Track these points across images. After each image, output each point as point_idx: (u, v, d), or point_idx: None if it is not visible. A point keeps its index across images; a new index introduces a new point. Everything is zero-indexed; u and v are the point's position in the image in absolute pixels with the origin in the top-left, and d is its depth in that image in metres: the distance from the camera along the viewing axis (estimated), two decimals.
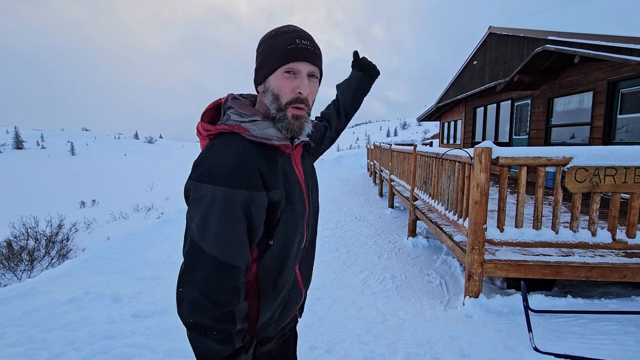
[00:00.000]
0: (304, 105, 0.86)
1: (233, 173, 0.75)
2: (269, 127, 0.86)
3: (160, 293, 3.46)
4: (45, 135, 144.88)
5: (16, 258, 11.35)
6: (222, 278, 0.74)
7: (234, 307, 0.75)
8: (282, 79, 0.84)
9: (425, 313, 3.02)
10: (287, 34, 0.85)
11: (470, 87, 10.54)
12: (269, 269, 0.87)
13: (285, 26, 0.88)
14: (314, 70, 0.87)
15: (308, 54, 0.84)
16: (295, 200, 0.89)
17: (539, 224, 2.85)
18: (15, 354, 2.39)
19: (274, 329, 0.96)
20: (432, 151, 4.40)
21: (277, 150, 0.88)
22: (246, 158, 0.79)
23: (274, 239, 0.85)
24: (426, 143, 23.01)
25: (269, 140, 0.84)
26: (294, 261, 0.93)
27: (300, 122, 0.87)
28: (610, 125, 6.07)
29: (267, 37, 0.88)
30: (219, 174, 0.75)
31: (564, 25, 6.38)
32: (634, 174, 2.63)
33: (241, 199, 0.75)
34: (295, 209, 0.89)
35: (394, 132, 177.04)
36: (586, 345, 2.27)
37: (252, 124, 0.84)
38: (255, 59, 0.90)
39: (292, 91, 0.84)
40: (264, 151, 0.84)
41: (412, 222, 5.36)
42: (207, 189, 0.74)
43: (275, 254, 0.87)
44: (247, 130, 0.83)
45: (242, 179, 0.76)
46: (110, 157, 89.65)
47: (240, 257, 0.76)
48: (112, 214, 22.65)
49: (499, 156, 2.76)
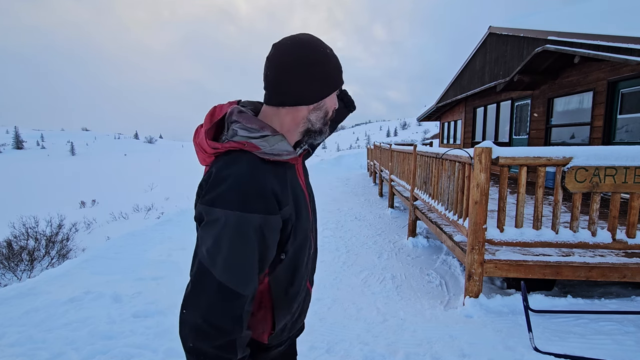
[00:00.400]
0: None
1: (247, 196, 0.73)
2: (279, 141, 0.83)
3: (160, 293, 3.46)
4: (45, 135, 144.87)
5: (16, 258, 11.35)
6: (227, 306, 0.71)
7: (236, 335, 0.73)
8: (334, 98, 0.91)
9: (425, 313, 3.02)
10: (334, 57, 0.87)
11: (470, 87, 10.53)
12: (281, 280, 0.87)
13: (324, 44, 0.86)
14: None
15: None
16: (302, 210, 0.89)
17: (539, 224, 2.85)
18: (15, 354, 2.39)
19: (287, 334, 0.97)
20: (432, 151, 4.39)
21: (286, 165, 0.88)
22: (260, 179, 0.76)
23: (286, 252, 0.85)
24: (426, 143, 23.01)
25: (279, 157, 0.82)
26: (305, 269, 0.95)
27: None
28: (610, 125, 6.07)
29: (318, 59, 0.82)
30: (232, 198, 0.72)
31: (564, 25, 6.38)
32: (634, 174, 2.63)
33: (255, 224, 0.73)
34: (302, 219, 0.89)
35: (394, 132, 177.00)
36: (586, 345, 2.27)
37: (262, 140, 0.81)
38: (306, 75, 0.82)
39: (333, 106, 0.92)
40: (275, 168, 0.83)
41: (412, 222, 5.36)
42: (220, 213, 0.72)
43: (287, 266, 0.87)
44: (257, 147, 0.80)
45: (256, 203, 0.73)
46: (110, 157, 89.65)
47: (248, 286, 0.74)
48: (112, 214, 22.65)
49: (499, 156, 2.76)
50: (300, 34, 0.86)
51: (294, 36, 0.85)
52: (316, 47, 0.83)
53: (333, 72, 0.86)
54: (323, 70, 0.84)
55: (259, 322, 0.90)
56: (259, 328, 0.90)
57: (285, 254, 0.85)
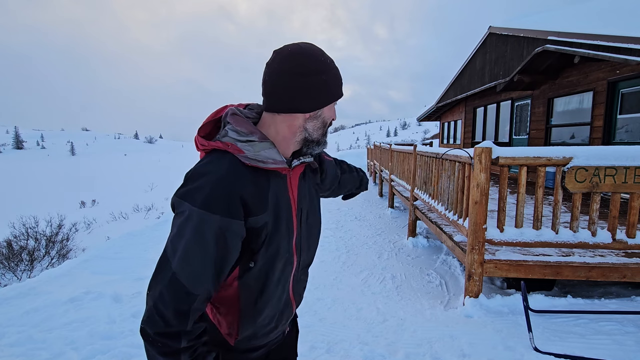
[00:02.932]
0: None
1: (211, 197, 0.74)
2: (266, 148, 0.83)
3: None
4: (45, 135, 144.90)
5: (16, 258, 11.35)
6: (175, 298, 0.72)
7: (181, 329, 0.73)
8: (332, 109, 0.91)
9: (425, 313, 3.02)
10: (334, 66, 0.87)
11: (470, 87, 10.54)
12: (251, 289, 0.87)
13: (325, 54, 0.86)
14: None
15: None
16: (282, 223, 0.87)
17: (539, 224, 2.85)
18: (15, 354, 2.39)
19: (258, 343, 0.97)
20: (432, 151, 4.40)
21: (272, 173, 0.86)
22: (230, 183, 0.77)
23: (256, 262, 0.84)
24: (426, 143, 23.01)
25: (263, 164, 0.82)
26: (279, 283, 0.92)
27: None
28: (610, 125, 6.07)
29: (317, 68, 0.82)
30: (198, 195, 0.74)
31: (564, 25, 6.38)
32: (634, 174, 2.63)
33: (214, 225, 0.74)
34: (280, 232, 0.86)
35: (394, 132, 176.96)
36: (586, 345, 2.27)
37: (247, 144, 0.82)
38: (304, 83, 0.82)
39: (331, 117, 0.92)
40: (255, 174, 0.82)
41: (412, 222, 5.36)
42: (186, 207, 0.74)
43: (256, 276, 0.86)
44: (241, 151, 0.81)
45: (220, 205, 0.74)
46: (110, 157, 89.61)
47: (199, 285, 0.74)
48: (112, 214, 22.66)
49: (499, 156, 2.76)
50: (302, 43, 0.85)
51: (296, 44, 0.84)
52: (316, 56, 0.83)
53: (331, 82, 0.86)
54: (321, 79, 0.83)
55: (228, 324, 0.91)
56: (226, 329, 0.92)
57: (255, 263, 0.84)
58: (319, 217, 1.05)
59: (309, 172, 1.02)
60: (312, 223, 1.00)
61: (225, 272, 0.80)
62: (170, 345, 0.73)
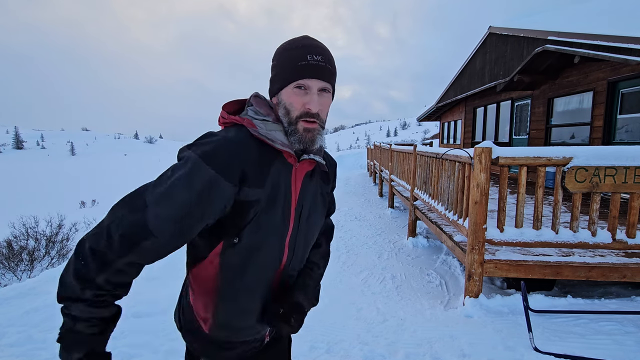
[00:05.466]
0: (314, 119, 0.86)
1: (213, 152, 0.77)
2: (277, 130, 0.87)
3: (160, 293, 3.46)
4: (45, 135, 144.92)
5: (16, 258, 11.35)
6: (131, 226, 0.72)
7: (113, 260, 0.72)
8: (292, 95, 0.85)
9: (425, 313, 3.01)
10: (299, 49, 0.85)
11: (470, 87, 10.54)
12: (231, 268, 0.87)
13: (300, 39, 0.88)
14: (325, 86, 0.87)
15: (319, 70, 0.84)
16: (276, 210, 0.86)
17: (539, 224, 2.85)
18: (15, 354, 2.39)
19: (236, 335, 0.95)
20: (432, 151, 4.40)
21: (279, 155, 0.87)
22: (235, 148, 0.80)
23: (240, 238, 0.83)
24: (426, 143, 23.01)
25: (271, 142, 0.84)
26: (261, 271, 0.90)
27: (312, 135, 0.87)
28: (610, 125, 6.07)
29: (280, 50, 0.88)
30: (202, 148, 0.78)
31: (564, 25, 6.38)
32: (634, 174, 2.63)
33: (206, 176, 0.75)
34: (273, 219, 0.86)
35: (394, 132, 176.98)
36: (586, 345, 2.27)
37: (261, 122, 0.87)
38: (270, 70, 0.90)
39: (302, 106, 0.85)
40: (264, 150, 0.85)
41: (412, 222, 5.36)
42: (188, 154, 0.79)
43: (239, 255, 0.85)
44: (254, 126, 0.85)
45: (217, 161, 0.77)
46: (110, 157, 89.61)
47: (160, 228, 0.73)
48: None
49: (499, 156, 2.76)
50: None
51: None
52: (281, 45, 0.89)
53: (284, 66, 0.86)
54: (274, 64, 0.88)
55: (204, 306, 0.91)
56: (202, 312, 0.92)
57: (239, 239, 0.83)
58: (320, 221, 1.03)
59: (319, 177, 1.01)
60: (312, 224, 0.99)
61: (190, 233, 0.78)
62: (90, 269, 0.71)
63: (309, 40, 0.87)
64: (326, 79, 0.86)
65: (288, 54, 0.85)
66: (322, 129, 0.90)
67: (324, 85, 0.86)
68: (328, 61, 0.86)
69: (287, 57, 0.85)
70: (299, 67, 0.83)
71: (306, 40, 0.87)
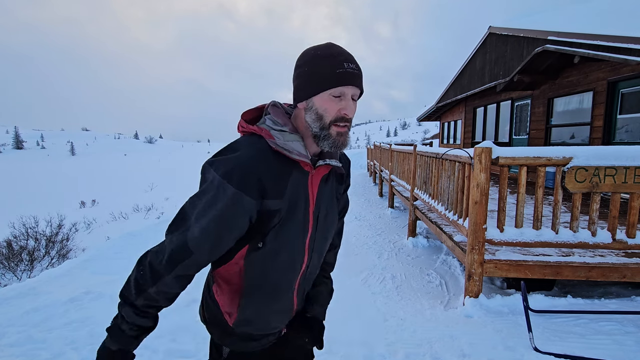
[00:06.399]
0: (347, 123, 0.90)
1: (233, 170, 0.83)
2: (294, 140, 0.89)
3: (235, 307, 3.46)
4: (45, 135, 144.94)
5: (16, 258, 11.35)
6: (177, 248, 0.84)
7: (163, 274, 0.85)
8: (328, 101, 0.87)
9: (425, 313, 3.02)
10: (335, 57, 0.86)
11: (470, 87, 10.54)
12: (255, 269, 0.93)
13: (330, 46, 0.89)
14: (357, 93, 0.90)
15: (355, 78, 0.87)
16: (297, 217, 0.91)
17: (539, 224, 2.85)
18: (15, 354, 2.39)
19: (258, 328, 1.02)
20: (432, 151, 4.40)
21: (296, 165, 0.91)
22: (254, 163, 0.85)
23: (265, 243, 0.90)
24: (426, 143, 23.01)
25: (288, 153, 0.87)
26: (284, 275, 0.97)
27: (344, 138, 0.92)
28: (610, 125, 6.07)
29: (312, 56, 0.88)
30: (223, 166, 0.83)
31: (564, 25, 6.38)
32: (634, 174, 2.63)
33: (228, 194, 0.82)
34: (294, 225, 0.92)
35: (394, 132, 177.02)
36: (586, 345, 2.27)
37: (279, 133, 0.89)
38: (297, 76, 0.91)
39: (337, 112, 0.88)
40: (281, 161, 0.88)
41: (412, 222, 5.36)
42: (211, 174, 0.84)
43: (262, 258, 0.92)
44: (272, 137, 0.88)
45: (237, 178, 0.82)
46: (110, 157, 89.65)
47: (197, 246, 0.84)
48: (112, 214, 22.65)
49: (499, 156, 2.76)
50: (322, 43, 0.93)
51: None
52: (307, 50, 0.91)
53: (317, 72, 0.86)
54: (304, 70, 0.89)
55: (229, 301, 0.98)
56: (227, 307, 0.99)
57: (263, 244, 0.90)
58: (336, 219, 1.09)
59: (334, 179, 1.05)
60: (330, 223, 1.04)
61: (223, 246, 0.88)
62: (146, 280, 0.86)
63: (340, 49, 0.89)
64: (359, 87, 0.90)
65: (323, 62, 0.86)
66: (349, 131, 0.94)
67: (356, 92, 0.90)
68: (360, 69, 0.90)
69: (322, 64, 0.86)
70: (337, 74, 0.85)
71: (338, 48, 0.89)
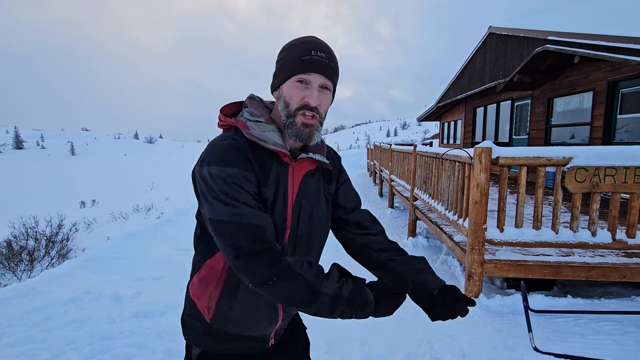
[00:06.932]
0: (313, 114, 0.87)
1: (223, 155, 0.82)
2: (270, 130, 0.88)
3: (160, 293, 3.46)
4: (45, 135, 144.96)
5: (16, 258, 11.34)
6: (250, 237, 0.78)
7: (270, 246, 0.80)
8: (293, 88, 0.86)
9: (425, 313, 3.01)
10: (305, 44, 0.86)
11: (470, 87, 10.54)
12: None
13: (306, 36, 0.90)
14: (326, 83, 0.88)
15: (321, 66, 0.85)
16: (277, 209, 0.88)
17: (539, 224, 2.85)
18: (15, 354, 2.39)
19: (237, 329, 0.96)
20: (432, 151, 4.40)
21: (275, 156, 0.89)
22: (237, 147, 0.84)
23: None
24: (426, 143, 23.01)
25: (264, 143, 0.86)
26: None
27: (310, 130, 0.88)
28: (610, 125, 6.07)
29: (287, 46, 0.90)
30: (212, 158, 0.82)
31: (564, 25, 6.38)
32: (634, 174, 2.63)
33: (233, 173, 0.80)
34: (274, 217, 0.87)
35: (394, 132, 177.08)
36: (586, 345, 2.27)
37: (255, 123, 0.88)
38: (275, 66, 0.93)
39: (301, 99, 0.86)
40: (259, 152, 0.87)
41: (412, 222, 5.36)
42: (205, 170, 0.81)
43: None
44: (247, 128, 0.87)
45: (232, 159, 0.81)
46: (110, 157, 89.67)
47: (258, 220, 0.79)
48: (112, 214, 22.64)
49: (499, 156, 2.76)
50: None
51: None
52: (294, 39, 0.90)
53: (289, 59, 0.86)
54: (284, 56, 0.89)
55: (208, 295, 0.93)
56: (206, 301, 0.93)
57: None
58: (326, 220, 1.01)
59: (321, 176, 1.00)
60: (316, 225, 0.97)
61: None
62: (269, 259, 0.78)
63: (314, 38, 0.89)
64: (328, 76, 0.87)
65: (294, 49, 0.87)
66: (320, 126, 0.91)
67: (325, 82, 0.87)
68: (331, 59, 0.87)
69: (292, 51, 0.87)
70: (302, 61, 0.84)
71: (312, 38, 0.89)
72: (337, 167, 1.07)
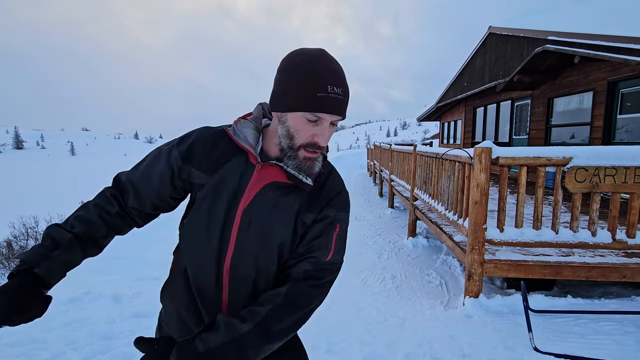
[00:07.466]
0: (318, 150, 0.81)
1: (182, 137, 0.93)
2: (248, 128, 0.88)
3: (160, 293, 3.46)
4: (45, 135, 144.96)
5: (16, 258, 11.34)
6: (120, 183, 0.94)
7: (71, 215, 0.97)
8: (302, 123, 0.77)
9: (425, 313, 3.01)
10: (319, 75, 0.74)
11: (470, 87, 10.54)
12: (181, 241, 0.93)
13: (317, 56, 0.77)
14: (338, 119, 0.80)
15: (337, 105, 0.76)
16: (220, 204, 0.82)
17: (539, 224, 2.85)
18: (15, 354, 2.39)
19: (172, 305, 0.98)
20: (432, 151, 4.40)
21: (243, 154, 0.86)
22: (199, 136, 0.90)
23: (185, 223, 0.91)
24: (426, 143, 23.01)
25: (237, 138, 0.86)
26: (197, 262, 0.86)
27: (312, 163, 0.82)
28: (610, 125, 6.07)
29: (294, 65, 0.77)
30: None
31: (564, 25, 6.38)
32: (634, 174, 2.63)
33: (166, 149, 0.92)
34: (215, 212, 0.83)
35: (394, 132, 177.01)
36: (586, 345, 2.27)
37: (242, 120, 0.91)
38: (276, 80, 0.81)
39: (310, 137, 0.79)
40: (229, 146, 0.88)
41: (412, 222, 5.36)
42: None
43: (183, 239, 0.90)
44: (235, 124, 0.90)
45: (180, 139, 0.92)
46: (110, 157, 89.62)
47: (131, 181, 0.92)
48: None
49: (499, 156, 2.76)
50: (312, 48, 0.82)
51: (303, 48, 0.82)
52: (297, 55, 0.78)
53: (301, 90, 0.75)
54: (293, 81, 0.76)
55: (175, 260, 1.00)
56: (173, 265, 1.00)
57: (184, 224, 0.91)
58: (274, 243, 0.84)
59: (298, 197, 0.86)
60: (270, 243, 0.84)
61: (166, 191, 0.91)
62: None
63: (327, 62, 0.76)
64: (342, 114, 0.79)
65: (306, 77, 0.74)
66: (321, 157, 0.85)
67: (337, 119, 0.79)
68: (346, 93, 0.78)
69: (304, 79, 0.74)
70: (317, 98, 0.74)
71: (325, 62, 0.76)
72: (329, 197, 0.92)
